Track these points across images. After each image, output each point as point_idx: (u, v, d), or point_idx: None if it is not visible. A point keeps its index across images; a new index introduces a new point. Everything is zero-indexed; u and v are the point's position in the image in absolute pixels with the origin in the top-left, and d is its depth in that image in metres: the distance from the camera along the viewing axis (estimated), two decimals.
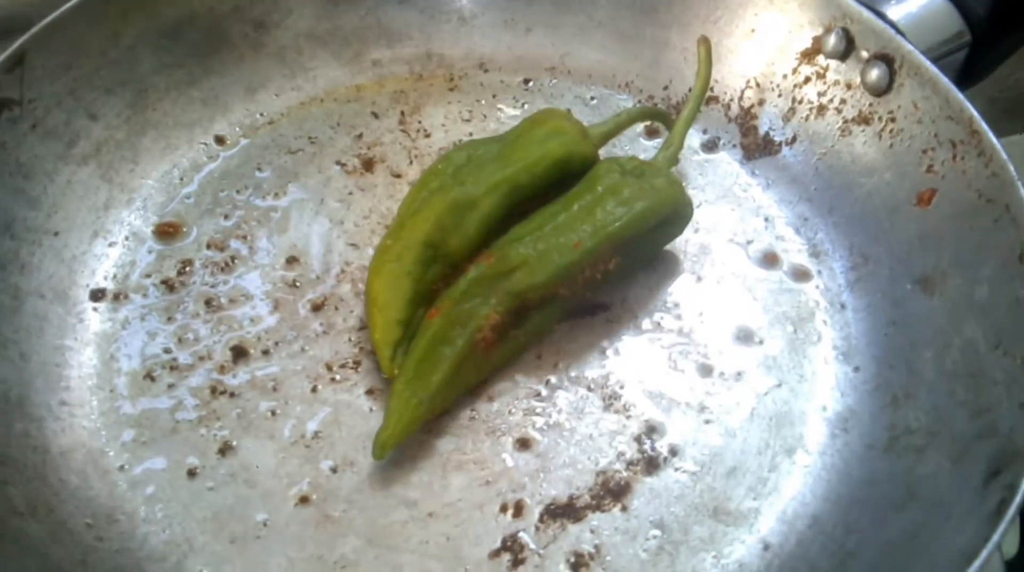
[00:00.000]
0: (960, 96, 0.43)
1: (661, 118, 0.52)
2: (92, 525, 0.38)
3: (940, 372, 0.40)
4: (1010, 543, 0.42)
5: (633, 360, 0.44)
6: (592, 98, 0.54)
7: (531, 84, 0.55)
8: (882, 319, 0.44)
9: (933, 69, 0.44)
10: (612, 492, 0.40)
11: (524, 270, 0.42)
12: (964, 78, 0.49)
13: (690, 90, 0.53)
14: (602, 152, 0.49)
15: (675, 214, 0.45)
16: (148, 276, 0.46)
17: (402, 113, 0.53)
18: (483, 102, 0.54)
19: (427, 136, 0.53)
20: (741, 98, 0.52)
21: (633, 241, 0.43)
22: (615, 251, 0.43)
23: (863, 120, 0.48)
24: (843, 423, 0.42)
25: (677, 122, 0.48)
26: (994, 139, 0.42)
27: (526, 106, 0.54)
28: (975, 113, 0.42)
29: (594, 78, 0.55)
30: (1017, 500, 0.32)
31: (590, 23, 0.55)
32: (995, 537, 0.31)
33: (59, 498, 0.38)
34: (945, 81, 0.44)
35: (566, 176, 0.46)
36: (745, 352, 0.44)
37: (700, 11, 0.53)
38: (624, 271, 0.45)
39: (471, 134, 0.52)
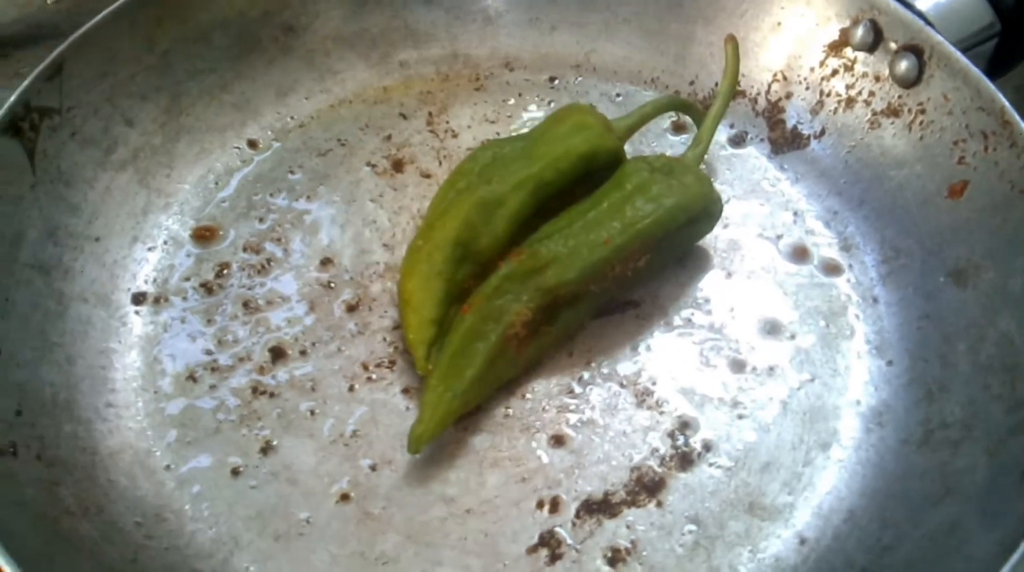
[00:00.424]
0: (991, 87, 0.43)
1: (685, 108, 0.52)
2: (141, 524, 0.39)
3: (975, 365, 0.40)
4: None
5: (665, 356, 0.44)
6: (618, 95, 0.55)
7: (557, 82, 0.55)
8: (915, 312, 0.44)
9: (963, 60, 0.44)
10: (647, 488, 0.40)
11: (555, 267, 0.42)
12: (994, 68, 0.49)
13: (717, 85, 0.53)
14: (629, 148, 0.49)
15: (704, 211, 0.45)
16: (187, 279, 0.47)
17: (430, 114, 0.54)
18: (509, 101, 0.55)
19: (455, 136, 0.53)
20: (768, 92, 0.52)
21: (663, 238, 0.44)
22: (645, 248, 0.43)
23: (892, 112, 0.48)
24: (877, 417, 0.42)
25: (706, 119, 0.48)
26: None
27: (552, 104, 0.54)
28: (1007, 104, 0.42)
29: (620, 74, 0.55)
30: None
31: (615, 19, 0.56)
32: None
33: (109, 498, 0.39)
34: (976, 72, 0.44)
35: (591, 171, 0.46)
36: (777, 347, 0.45)
37: (726, 5, 0.53)
38: (654, 268, 0.45)
39: (498, 133, 0.53)
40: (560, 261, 0.42)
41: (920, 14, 0.47)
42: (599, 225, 0.43)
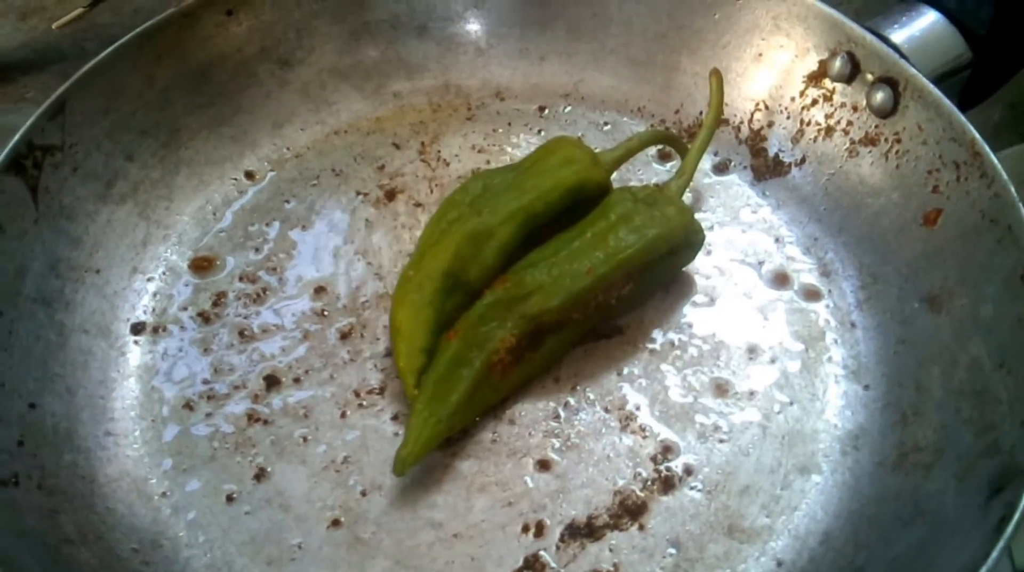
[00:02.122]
0: (962, 118, 0.44)
1: (671, 141, 0.53)
2: (138, 550, 0.40)
3: (947, 390, 0.41)
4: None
5: (649, 381, 0.46)
6: (606, 123, 0.56)
7: (546, 111, 0.57)
8: (891, 338, 0.45)
9: (936, 92, 0.45)
10: (629, 511, 0.42)
11: (539, 295, 0.43)
12: (968, 98, 0.50)
13: (702, 114, 0.55)
14: (617, 176, 0.50)
15: (686, 242, 0.46)
16: (185, 309, 0.48)
17: (422, 143, 0.55)
18: (499, 130, 0.56)
19: (446, 165, 0.54)
20: (751, 121, 0.54)
21: (645, 268, 0.45)
22: (628, 277, 0.45)
23: (870, 141, 0.49)
24: (854, 441, 0.43)
25: (690, 151, 0.49)
26: (995, 160, 0.42)
27: (542, 133, 0.55)
28: (976, 135, 0.43)
29: (607, 104, 0.56)
30: (1016, 518, 0.33)
31: (602, 50, 0.57)
32: (994, 554, 0.32)
33: (107, 525, 0.40)
34: (948, 103, 0.45)
35: (579, 202, 0.47)
36: (758, 372, 0.46)
37: (709, 36, 0.54)
38: (638, 296, 0.46)
39: (489, 162, 0.54)
40: (544, 289, 0.43)
41: (895, 47, 0.49)
42: (582, 254, 0.44)
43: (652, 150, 0.54)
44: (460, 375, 0.42)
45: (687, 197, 0.51)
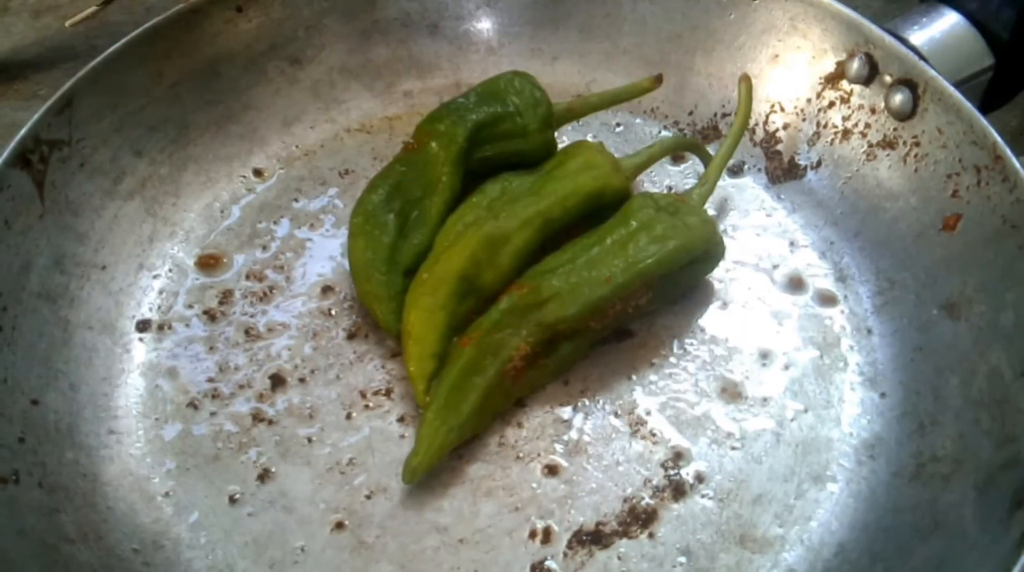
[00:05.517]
0: (984, 121, 0.43)
1: (693, 149, 0.52)
2: (139, 551, 0.40)
3: (966, 399, 0.40)
4: None
5: (660, 386, 0.45)
6: (618, 124, 0.55)
7: None
8: (908, 345, 0.44)
9: (957, 94, 0.45)
10: (639, 519, 0.41)
11: (555, 302, 0.42)
12: (988, 102, 0.49)
13: (716, 115, 0.54)
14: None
15: (707, 253, 0.45)
16: (190, 307, 0.48)
17: None
18: None
19: None
20: (766, 123, 0.53)
21: (664, 278, 0.44)
22: (647, 287, 0.44)
23: (888, 144, 0.48)
24: (870, 450, 0.42)
25: (714, 159, 0.48)
26: (1018, 165, 0.42)
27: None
28: (999, 138, 0.43)
29: (620, 104, 0.56)
30: None
31: (615, 50, 0.56)
32: (1016, 569, 0.31)
33: (108, 525, 0.40)
34: (969, 106, 0.44)
35: (599, 209, 0.47)
36: (771, 378, 0.45)
37: (724, 37, 0.54)
38: (655, 305, 0.45)
39: None
40: (561, 297, 0.42)
41: (914, 49, 0.48)
42: (602, 262, 0.43)
43: None
44: (473, 384, 0.41)
45: (707, 210, 0.50)
